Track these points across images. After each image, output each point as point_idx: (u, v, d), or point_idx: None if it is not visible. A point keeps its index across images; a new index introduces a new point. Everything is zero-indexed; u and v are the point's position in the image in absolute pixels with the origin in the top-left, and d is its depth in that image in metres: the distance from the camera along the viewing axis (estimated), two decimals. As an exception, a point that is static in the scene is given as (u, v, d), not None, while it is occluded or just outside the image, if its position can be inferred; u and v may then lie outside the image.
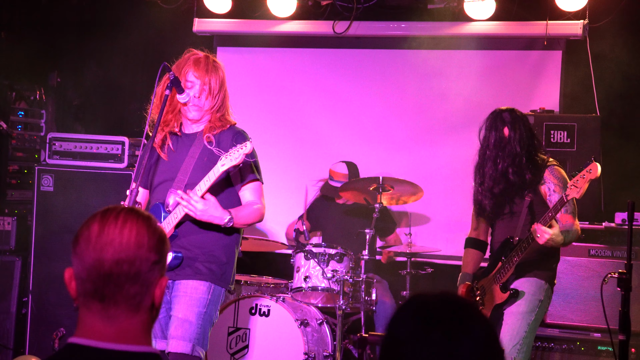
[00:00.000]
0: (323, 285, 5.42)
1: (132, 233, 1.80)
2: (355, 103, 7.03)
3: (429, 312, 1.57)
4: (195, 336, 3.79)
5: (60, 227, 6.02)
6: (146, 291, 1.82)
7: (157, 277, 1.84)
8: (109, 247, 1.79)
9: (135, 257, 1.80)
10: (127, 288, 1.79)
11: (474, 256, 4.58)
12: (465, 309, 1.58)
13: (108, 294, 1.79)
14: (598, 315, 5.23)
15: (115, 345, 1.79)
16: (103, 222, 1.82)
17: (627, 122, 6.20)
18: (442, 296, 1.60)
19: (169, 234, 3.86)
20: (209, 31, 7.09)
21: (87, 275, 1.80)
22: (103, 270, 1.79)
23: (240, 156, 3.69)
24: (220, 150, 3.75)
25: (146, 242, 1.81)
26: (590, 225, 5.54)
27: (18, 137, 6.61)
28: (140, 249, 1.80)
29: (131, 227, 1.81)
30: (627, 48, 6.11)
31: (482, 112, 6.57)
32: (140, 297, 1.81)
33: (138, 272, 1.80)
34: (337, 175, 6.38)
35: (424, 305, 1.59)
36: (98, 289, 1.80)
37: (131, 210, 1.85)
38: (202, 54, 4.02)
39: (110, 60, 7.15)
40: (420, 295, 1.62)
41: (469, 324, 1.55)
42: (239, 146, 3.71)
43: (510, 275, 4.31)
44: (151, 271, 1.82)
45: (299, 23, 6.90)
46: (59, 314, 6.06)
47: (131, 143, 6.27)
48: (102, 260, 1.79)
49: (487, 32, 6.58)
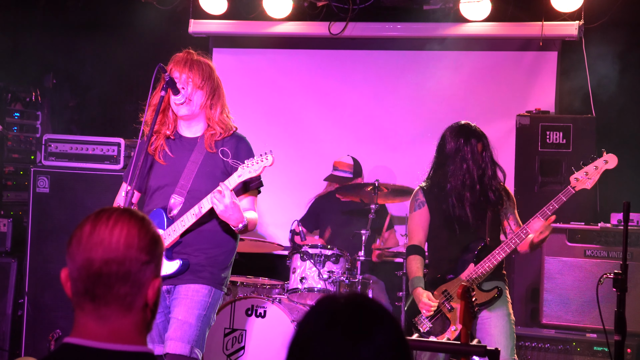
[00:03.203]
0: (319, 286, 5.42)
1: (123, 233, 1.81)
2: (352, 104, 7.03)
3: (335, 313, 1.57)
4: (194, 338, 3.79)
5: (56, 228, 6.01)
6: (137, 291, 1.82)
7: (149, 277, 1.84)
8: (99, 247, 1.80)
9: (125, 258, 1.80)
10: (117, 288, 1.80)
11: (420, 261, 4.56)
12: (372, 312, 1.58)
13: (98, 294, 1.81)
14: (594, 315, 5.24)
15: (109, 345, 1.80)
16: (94, 223, 1.83)
17: (623, 122, 6.20)
18: (351, 298, 1.61)
19: (174, 241, 3.85)
20: (204, 32, 7.08)
21: (78, 275, 1.82)
22: (93, 270, 1.80)
23: (260, 168, 3.69)
24: (237, 162, 3.73)
25: (136, 242, 1.82)
26: (586, 226, 5.55)
27: (14, 138, 6.61)
28: (130, 250, 1.81)
29: (122, 228, 1.82)
30: (623, 49, 6.12)
31: (478, 113, 6.64)
32: (132, 298, 1.82)
33: (128, 272, 1.81)
34: (341, 165, 6.44)
35: (331, 306, 1.59)
36: (89, 289, 1.81)
37: (125, 212, 1.86)
38: (183, 52, 4.00)
39: (106, 61, 7.14)
40: (330, 296, 1.63)
41: (373, 328, 1.55)
42: (259, 158, 3.69)
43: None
44: (142, 272, 1.82)
45: (295, 24, 6.89)
46: (54, 315, 6.05)
47: (127, 144, 6.26)
48: (92, 260, 1.80)
49: (483, 33, 6.59)
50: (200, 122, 3.98)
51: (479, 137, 4.51)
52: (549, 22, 6.31)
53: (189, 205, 3.85)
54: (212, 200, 3.70)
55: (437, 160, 4.59)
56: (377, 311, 1.59)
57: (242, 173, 3.69)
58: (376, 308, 1.59)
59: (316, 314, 1.59)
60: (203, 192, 3.83)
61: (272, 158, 3.68)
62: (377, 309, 1.59)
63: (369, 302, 1.61)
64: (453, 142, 4.49)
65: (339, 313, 1.56)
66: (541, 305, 5.54)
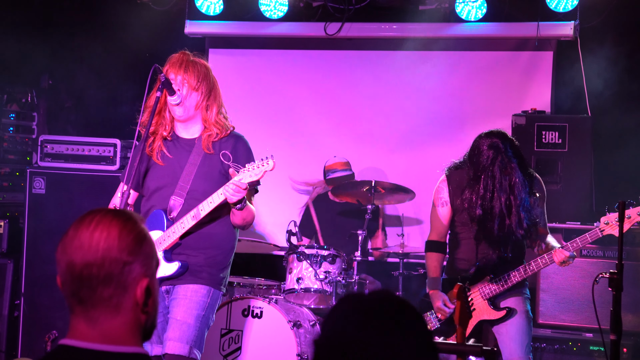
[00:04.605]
0: (316, 286, 5.42)
1: (102, 236, 1.81)
2: (348, 104, 7.03)
3: (366, 308, 1.60)
4: (193, 338, 3.79)
5: (52, 229, 6.01)
6: (123, 292, 1.82)
7: (135, 277, 1.83)
8: (79, 250, 1.81)
9: (104, 260, 1.80)
10: (100, 291, 1.80)
11: (440, 259, 4.54)
12: (401, 305, 1.62)
13: (84, 297, 1.81)
14: (590, 315, 5.25)
15: (102, 346, 1.80)
16: (77, 227, 1.84)
17: (618, 122, 6.21)
18: (378, 293, 1.63)
19: (173, 242, 3.85)
20: (200, 33, 7.08)
21: (63, 278, 1.83)
22: (75, 273, 1.81)
23: (261, 173, 3.69)
24: (237, 165, 3.74)
25: (116, 244, 1.81)
26: (582, 225, 5.55)
27: (9, 139, 6.60)
28: (110, 251, 1.80)
29: (102, 230, 1.81)
30: (618, 48, 6.13)
31: (474, 113, 6.66)
32: (117, 299, 1.81)
33: (109, 274, 1.80)
34: (337, 165, 6.44)
35: (360, 302, 1.62)
36: (75, 292, 1.82)
37: (108, 213, 1.86)
38: (179, 53, 4.00)
39: (102, 62, 7.13)
40: (356, 293, 1.67)
41: (405, 320, 1.59)
42: (260, 162, 3.70)
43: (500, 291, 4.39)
44: (124, 273, 1.81)
45: (291, 25, 6.88)
46: (51, 316, 6.05)
47: (123, 145, 6.26)
48: (73, 264, 1.81)
49: (479, 33, 6.59)
50: (197, 123, 3.98)
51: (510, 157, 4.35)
52: (544, 22, 6.31)
53: (189, 206, 3.85)
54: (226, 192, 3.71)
55: (468, 160, 4.46)
56: (404, 304, 1.63)
57: (243, 177, 3.69)
58: (403, 301, 1.63)
59: (347, 311, 1.61)
60: (202, 193, 3.84)
61: (272, 163, 3.68)
62: (404, 302, 1.63)
63: (395, 296, 1.65)
64: (485, 154, 4.35)
65: (372, 308, 1.60)
66: (537, 305, 5.55)
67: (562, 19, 6.27)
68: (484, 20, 6.44)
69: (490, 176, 4.33)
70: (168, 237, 3.85)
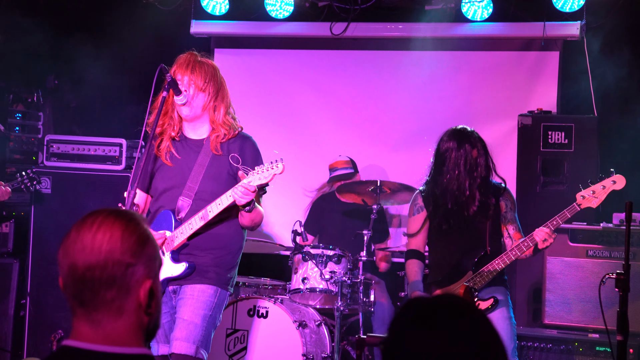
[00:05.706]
0: (321, 286, 5.42)
1: (105, 238, 1.78)
2: (354, 104, 7.03)
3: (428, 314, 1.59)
4: (200, 338, 3.79)
5: (58, 229, 6.00)
6: (126, 295, 1.80)
7: (138, 279, 1.81)
8: (81, 253, 1.78)
9: (106, 262, 1.77)
10: (102, 293, 1.78)
11: (420, 265, 4.60)
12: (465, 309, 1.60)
13: (86, 300, 1.79)
14: (596, 316, 5.24)
15: (105, 347, 1.78)
16: (79, 228, 1.81)
17: (625, 122, 6.20)
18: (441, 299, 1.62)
19: (181, 243, 3.85)
20: (206, 33, 7.08)
21: (65, 281, 1.81)
22: (77, 276, 1.78)
23: (270, 176, 3.68)
24: (247, 168, 3.73)
25: (119, 246, 1.78)
26: (588, 226, 5.54)
27: (16, 139, 6.61)
28: (112, 254, 1.78)
29: (104, 232, 1.79)
30: (625, 48, 6.12)
31: (480, 113, 6.64)
32: (120, 301, 1.79)
33: (112, 276, 1.78)
34: (339, 164, 6.44)
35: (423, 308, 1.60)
36: (77, 295, 1.80)
37: (111, 214, 1.83)
38: (187, 54, 4.00)
39: (108, 62, 7.14)
40: (418, 299, 1.64)
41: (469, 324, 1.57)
42: (270, 165, 3.69)
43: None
44: (127, 275, 1.79)
45: (297, 24, 6.89)
46: (56, 316, 6.06)
47: (129, 145, 6.26)
48: (76, 266, 1.78)
49: (485, 33, 6.59)
50: (205, 123, 3.98)
51: (474, 143, 4.50)
52: (550, 22, 6.30)
53: (197, 207, 3.85)
54: (235, 194, 3.71)
55: (433, 164, 4.62)
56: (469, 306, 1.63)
57: (252, 180, 3.68)
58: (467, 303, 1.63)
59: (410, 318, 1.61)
60: (210, 194, 3.85)
61: (282, 166, 3.67)
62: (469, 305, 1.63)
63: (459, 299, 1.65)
64: (447, 147, 4.51)
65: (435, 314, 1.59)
66: (543, 306, 5.54)
67: (568, 19, 6.26)
68: (489, 20, 6.44)
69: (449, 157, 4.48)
70: (176, 237, 3.85)
